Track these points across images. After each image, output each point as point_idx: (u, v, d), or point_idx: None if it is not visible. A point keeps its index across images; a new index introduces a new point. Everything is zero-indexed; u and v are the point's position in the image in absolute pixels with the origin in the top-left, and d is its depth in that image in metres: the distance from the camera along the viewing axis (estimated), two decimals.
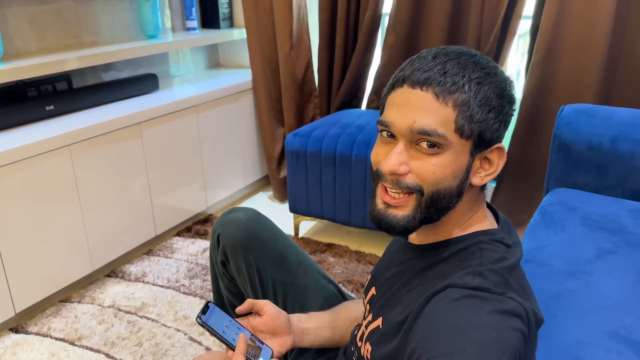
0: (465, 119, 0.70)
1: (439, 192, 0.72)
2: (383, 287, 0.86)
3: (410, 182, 0.73)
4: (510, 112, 0.75)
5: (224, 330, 0.85)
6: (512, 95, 0.75)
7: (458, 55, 0.73)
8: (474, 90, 0.71)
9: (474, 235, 0.77)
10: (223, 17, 2.68)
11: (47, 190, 1.72)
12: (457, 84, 0.70)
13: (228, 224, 1.16)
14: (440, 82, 0.70)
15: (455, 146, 0.71)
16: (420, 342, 0.66)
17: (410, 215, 0.74)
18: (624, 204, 1.45)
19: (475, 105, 0.71)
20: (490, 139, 0.73)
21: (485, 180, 0.76)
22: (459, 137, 0.71)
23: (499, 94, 0.72)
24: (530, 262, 1.23)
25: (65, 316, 1.78)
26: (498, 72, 0.74)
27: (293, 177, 2.17)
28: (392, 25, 2.19)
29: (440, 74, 0.71)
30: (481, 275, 0.70)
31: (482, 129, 0.72)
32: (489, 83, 0.72)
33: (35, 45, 2.04)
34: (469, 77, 0.71)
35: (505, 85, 0.74)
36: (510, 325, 0.65)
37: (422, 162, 0.72)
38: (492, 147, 0.75)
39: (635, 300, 1.06)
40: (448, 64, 0.72)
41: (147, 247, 2.21)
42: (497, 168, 0.76)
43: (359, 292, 1.87)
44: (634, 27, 1.80)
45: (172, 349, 1.62)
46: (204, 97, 2.27)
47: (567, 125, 1.57)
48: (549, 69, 1.93)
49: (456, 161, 0.72)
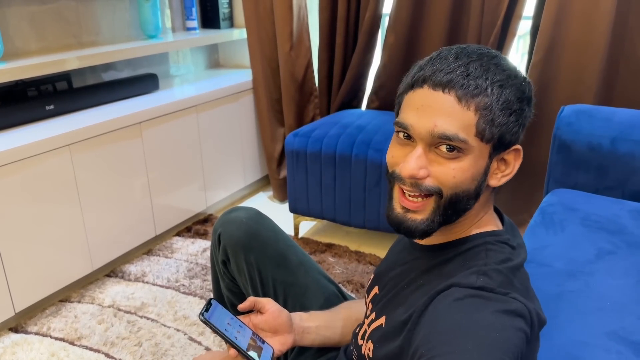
0: (487, 122, 0.70)
1: (457, 195, 0.72)
2: (387, 286, 0.86)
3: (430, 185, 0.72)
4: (529, 114, 0.75)
5: (226, 328, 0.85)
6: (531, 97, 0.75)
7: (480, 56, 0.72)
8: (496, 93, 0.69)
9: (480, 235, 0.77)
10: (223, 17, 2.68)
11: (47, 190, 1.72)
12: (480, 87, 0.69)
13: (229, 223, 1.16)
14: (463, 85, 0.69)
15: (475, 150, 0.71)
16: (423, 340, 0.66)
17: (430, 219, 0.73)
18: (624, 204, 1.45)
19: (497, 109, 0.70)
20: (509, 141, 0.73)
21: (502, 181, 0.76)
22: (479, 141, 0.70)
23: (519, 97, 0.72)
24: (530, 263, 1.23)
25: (65, 316, 1.78)
26: (518, 74, 0.74)
27: (293, 177, 2.17)
28: (392, 26, 2.19)
29: (463, 76, 0.69)
30: (486, 275, 0.70)
31: (502, 132, 0.71)
32: (511, 86, 0.71)
33: (36, 44, 2.04)
34: (491, 80, 0.70)
35: (525, 87, 0.73)
36: (513, 325, 0.65)
37: (442, 166, 0.71)
38: (509, 149, 0.75)
39: (636, 301, 1.06)
40: (471, 65, 0.70)
41: (147, 247, 2.21)
42: (513, 169, 0.76)
43: (358, 292, 1.87)
44: (634, 28, 1.80)
45: (172, 348, 1.62)
46: (204, 97, 2.27)
47: (567, 126, 1.57)
48: (549, 69, 1.93)
49: (475, 164, 0.71)
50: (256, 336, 0.90)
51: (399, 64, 2.25)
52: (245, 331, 0.89)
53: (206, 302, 0.87)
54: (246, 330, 0.90)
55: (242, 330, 0.88)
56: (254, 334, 0.91)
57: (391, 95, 2.33)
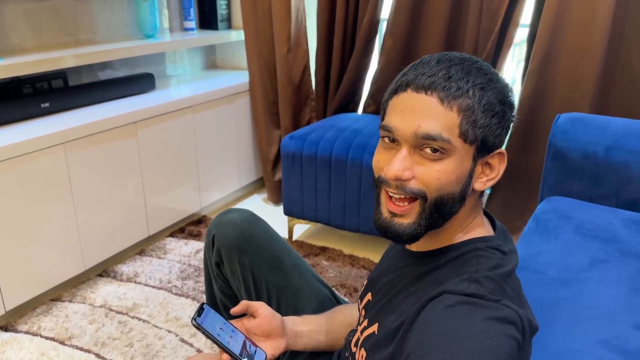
0: (470, 123, 0.70)
1: (442, 197, 0.72)
2: (379, 293, 0.86)
3: (414, 188, 0.72)
4: (511, 118, 0.76)
5: (218, 333, 0.85)
6: (513, 102, 0.76)
7: (461, 60, 0.73)
8: (478, 95, 0.71)
9: (470, 242, 0.77)
10: (221, 18, 2.68)
11: (41, 188, 1.71)
12: (461, 89, 0.70)
13: (223, 224, 1.15)
14: (445, 87, 0.70)
15: (459, 151, 0.71)
16: (414, 347, 0.66)
17: (416, 223, 0.74)
18: (618, 213, 1.46)
19: (479, 111, 0.71)
20: (493, 144, 0.74)
21: (487, 185, 0.76)
22: (463, 142, 0.71)
23: (501, 100, 0.73)
24: (524, 270, 1.23)
25: (56, 315, 1.77)
26: (500, 78, 0.75)
27: (288, 179, 2.16)
28: (390, 30, 2.19)
29: (444, 78, 0.70)
30: (477, 282, 0.70)
31: (485, 134, 0.72)
32: (492, 89, 0.72)
33: (32, 42, 2.03)
34: (473, 82, 0.71)
35: (507, 91, 0.75)
36: (504, 332, 0.65)
37: (426, 167, 0.71)
38: (493, 153, 0.75)
39: (628, 309, 1.07)
40: (452, 68, 0.72)
41: (140, 247, 2.20)
42: (498, 173, 0.76)
43: (352, 296, 1.87)
44: (630, 38, 1.82)
45: (163, 350, 1.61)
46: (200, 97, 2.26)
47: (562, 134, 1.58)
48: (546, 77, 1.94)
49: (460, 166, 0.72)
50: (249, 341, 0.90)
51: (396, 69, 2.26)
52: (237, 336, 0.89)
53: (198, 307, 0.87)
54: (238, 335, 0.90)
55: (234, 335, 0.88)
56: (247, 338, 0.91)
57: None
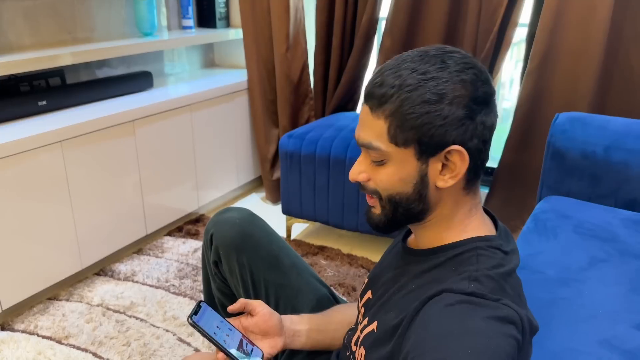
0: (397, 127, 0.72)
1: (392, 197, 0.77)
2: (379, 291, 0.85)
3: (369, 188, 0.79)
4: (457, 114, 0.71)
5: (214, 332, 0.85)
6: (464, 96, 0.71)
7: (403, 61, 0.73)
8: (402, 98, 0.71)
9: (471, 240, 0.77)
10: (219, 16, 2.67)
11: (38, 186, 1.70)
12: (385, 96, 0.72)
13: (222, 223, 1.15)
14: (374, 96, 0.73)
15: (395, 155, 0.74)
16: (413, 346, 0.66)
17: (381, 214, 0.80)
18: (617, 212, 1.45)
19: (403, 114, 0.71)
20: (437, 142, 0.71)
21: (450, 182, 0.74)
22: (395, 146, 0.73)
23: (433, 100, 0.70)
24: (522, 269, 1.23)
25: (53, 314, 1.76)
26: (442, 74, 0.71)
27: (286, 178, 2.16)
28: (389, 30, 2.18)
29: (377, 86, 0.73)
30: (477, 281, 0.70)
31: (418, 136, 0.71)
32: (422, 90, 0.70)
33: (29, 39, 2.02)
34: (399, 86, 0.71)
35: (447, 86, 0.70)
36: (504, 332, 0.64)
37: (375, 171, 0.77)
38: (446, 150, 0.72)
39: (628, 309, 1.06)
40: (386, 74, 0.73)
41: (138, 246, 2.19)
42: (459, 170, 0.73)
43: (350, 295, 1.86)
44: (629, 38, 1.81)
45: (161, 349, 1.61)
46: (198, 96, 2.26)
47: (561, 133, 1.58)
48: (544, 77, 1.94)
49: (402, 169, 0.74)
50: (245, 339, 0.90)
51: None
52: (234, 334, 0.88)
53: (195, 305, 0.86)
54: (235, 333, 0.89)
55: (231, 334, 0.88)
56: (244, 336, 0.90)
57: None
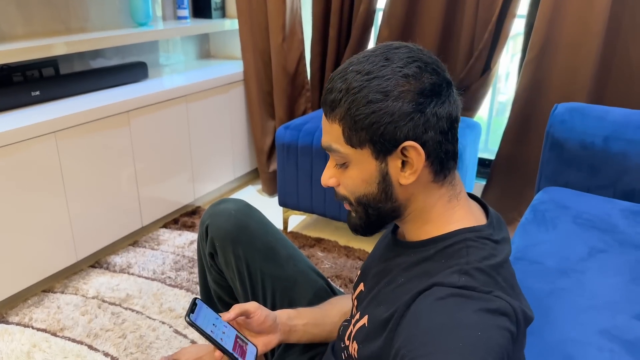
0: (350, 129, 0.73)
1: (360, 199, 0.78)
2: (370, 283, 0.85)
3: (340, 194, 0.81)
4: (405, 109, 0.70)
5: (211, 330, 0.87)
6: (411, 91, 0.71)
7: (350, 64, 0.74)
8: (349, 101, 0.72)
9: (459, 232, 0.75)
10: (215, 6, 2.64)
11: (31, 178, 1.68)
12: (335, 101, 0.73)
13: (217, 215, 1.14)
14: (326, 103, 0.75)
15: (353, 156, 0.75)
16: (404, 341, 0.65)
17: (357, 217, 0.81)
18: (616, 203, 1.45)
19: (352, 116, 0.72)
20: (389, 140, 0.71)
21: (411, 179, 0.74)
22: (351, 147, 0.74)
23: (377, 99, 0.70)
24: (521, 260, 1.22)
25: (48, 306, 1.75)
26: (385, 71, 0.71)
27: (283, 170, 2.14)
28: (386, 21, 2.17)
29: (328, 93, 0.75)
30: (467, 274, 0.69)
31: (370, 135, 0.72)
32: (367, 90, 0.71)
33: (22, 29, 1.99)
34: (346, 90, 0.72)
35: (390, 83, 0.70)
36: (496, 324, 0.64)
37: (341, 174, 0.78)
38: (400, 147, 0.71)
39: (628, 299, 1.06)
40: (335, 79, 0.74)
41: (133, 238, 2.17)
42: (417, 165, 0.72)
43: (347, 287, 1.86)
44: (628, 28, 1.80)
45: (157, 341, 1.59)
46: (193, 87, 2.24)
47: (560, 124, 1.57)
48: (543, 67, 1.93)
49: (362, 170, 0.75)
50: (241, 335, 0.92)
51: None
52: (229, 331, 0.91)
53: (191, 303, 0.88)
54: (230, 330, 0.91)
55: (227, 331, 0.90)
56: (239, 333, 0.92)
57: None
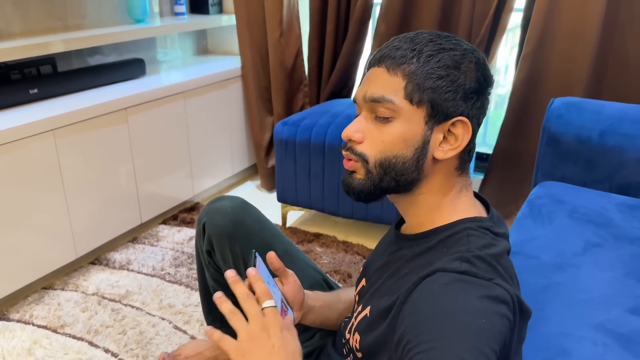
0: (414, 86, 0.74)
1: (388, 159, 0.76)
2: (372, 277, 0.86)
3: (357, 150, 0.78)
4: (470, 85, 0.75)
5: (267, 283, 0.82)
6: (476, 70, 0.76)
7: (417, 34, 0.78)
8: (422, 61, 0.74)
9: (461, 222, 0.77)
10: (212, 2, 2.64)
11: (30, 176, 1.69)
12: (405, 57, 0.75)
13: (214, 212, 1.14)
14: (391, 56, 0.76)
15: (405, 113, 0.75)
16: (409, 326, 0.66)
17: (363, 180, 0.78)
18: (612, 197, 1.45)
19: (422, 74, 0.74)
20: (447, 109, 0.74)
21: (449, 154, 0.76)
22: (409, 103, 0.74)
23: (452, 65, 0.74)
24: (517, 255, 1.23)
25: (48, 303, 1.76)
26: (459, 48, 0.76)
27: (281, 166, 2.15)
28: (384, 15, 2.16)
29: (393, 50, 0.77)
30: (468, 262, 0.70)
31: (432, 97, 0.74)
32: (441, 56, 0.75)
33: (19, 27, 1.99)
34: (418, 51, 0.75)
35: (464, 59, 0.75)
36: (497, 311, 0.65)
37: (376, 130, 0.77)
38: (452, 120, 0.75)
39: (622, 293, 1.06)
40: (403, 41, 0.77)
41: (132, 235, 2.18)
42: (461, 142, 0.76)
43: (346, 282, 1.87)
44: (625, 21, 1.80)
45: (157, 337, 1.61)
46: (191, 83, 2.24)
47: (556, 118, 1.57)
48: (540, 61, 1.93)
49: (408, 129, 0.75)
50: (285, 300, 0.89)
51: None
52: (277, 292, 0.86)
53: (252, 255, 0.84)
54: (278, 292, 0.87)
55: (275, 290, 0.86)
56: (284, 297, 0.89)
57: None
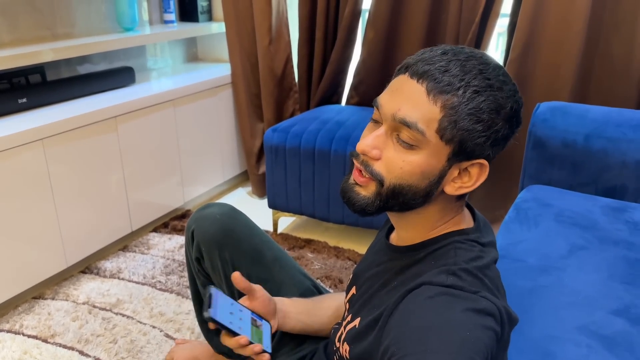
0: (450, 122, 0.69)
1: (402, 187, 0.72)
2: (363, 287, 0.86)
3: (374, 170, 0.73)
4: (504, 132, 0.71)
5: (230, 321, 0.84)
6: (513, 116, 0.71)
7: (468, 57, 0.71)
8: (467, 96, 0.68)
9: (449, 235, 0.77)
10: (201, 10, 2.65)
11: (20, 185, 1.69)
12: (452, 85, 0.68)
13: (202, 219, 1.15)
14: (436, 79, 0.69)
15: (432, 147, 0.70)
16: (394, 339, 0.66)
17: (370, 199, 0.75)
18: (597, 200, 1.47)
19: (463, 112, 0.68)
20: (472, 151, 0.71)
21: (460, 191, 0.74)
22: (439, 138, 0.70)
23: (494, 109, 0.69)
24: (504, 258, 1.24)
25: (38, 313, 1.75)
26: (505, 88, 0.70)
27: (272, 172, 2.16)
28: (372, 21, 2.18)
29: (440, 71, 0.69)
30: (454, 275, 0.70)
31: (464, 138, 0.70)
32: (487, 95, 0.69)
33: (7, 36, 1.99)
34: (467, 82, 0.68)
35: (508, 103, 0.70)
36: (483, 324, 0.65)
37: (395, 153, 0.72)
38: (473, 161, 0.72)
39: (606, 295, 1.08)
40: (452, 63, 0.69)
41: (123, 243, 2.18)
42: (474, 183, 0.74)
43: (337, 287, 1.87)
44: (609, 26, 1.83)
45: (148, 345, 1.60)
46: (181, 91, 2.24)
47: (542, 123, 1.59)
48: (526, 66, 1.95)
49: (430, 162, 0.71)
50: (254, 316, 0.91)
51: (378, 60, 2.25)
52: (245, 315, 0.89)
53: (207, 296, 0.84)
54: (246, 312, 0.89)
55: (243, 316, 0.88)
56: (252, 313, 0.91)
57: (370, 90, 2.33)
